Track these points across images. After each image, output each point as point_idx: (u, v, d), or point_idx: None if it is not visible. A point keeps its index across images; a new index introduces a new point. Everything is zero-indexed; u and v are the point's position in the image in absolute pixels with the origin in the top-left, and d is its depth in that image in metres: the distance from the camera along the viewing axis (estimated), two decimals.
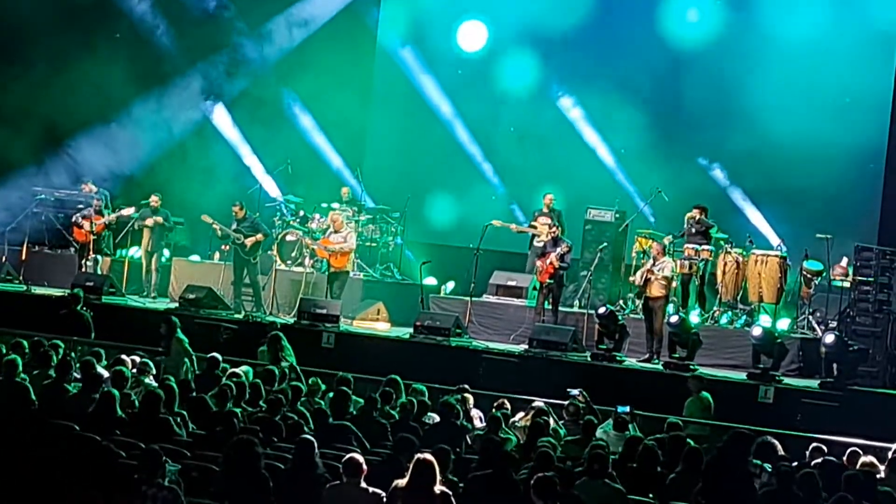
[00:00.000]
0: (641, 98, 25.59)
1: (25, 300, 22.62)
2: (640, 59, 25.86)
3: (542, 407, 15.60)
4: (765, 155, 24.99)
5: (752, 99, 24.97)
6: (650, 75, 25.73)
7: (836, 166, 24.20)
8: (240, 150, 27.51)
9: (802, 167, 24.53)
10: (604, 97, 25.95)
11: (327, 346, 21.04)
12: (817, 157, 24.27)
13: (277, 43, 27.37)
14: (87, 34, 25.76)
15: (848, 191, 24.29)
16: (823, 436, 16.35)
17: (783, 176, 24.80)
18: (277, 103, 27.52)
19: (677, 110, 25.63)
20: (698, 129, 25.50)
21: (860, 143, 24.27)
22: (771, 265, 21.55)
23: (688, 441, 13.17)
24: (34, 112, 25.35)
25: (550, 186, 24.53)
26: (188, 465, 11.44)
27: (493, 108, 27.09)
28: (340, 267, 22.88)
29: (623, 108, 25.63)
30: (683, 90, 25.55)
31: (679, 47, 25.65)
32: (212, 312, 22.13)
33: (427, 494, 10.24)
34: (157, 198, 24.28)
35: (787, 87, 24.78)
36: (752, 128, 24.98)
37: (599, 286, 23.51)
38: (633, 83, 25.70)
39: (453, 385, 16.82)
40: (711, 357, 20.76)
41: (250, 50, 27.28)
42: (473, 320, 22.51)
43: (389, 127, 28.14)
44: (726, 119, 25.22)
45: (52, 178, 25.68)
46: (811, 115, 24.38)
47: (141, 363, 16.19)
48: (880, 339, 20.23)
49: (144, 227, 24.15)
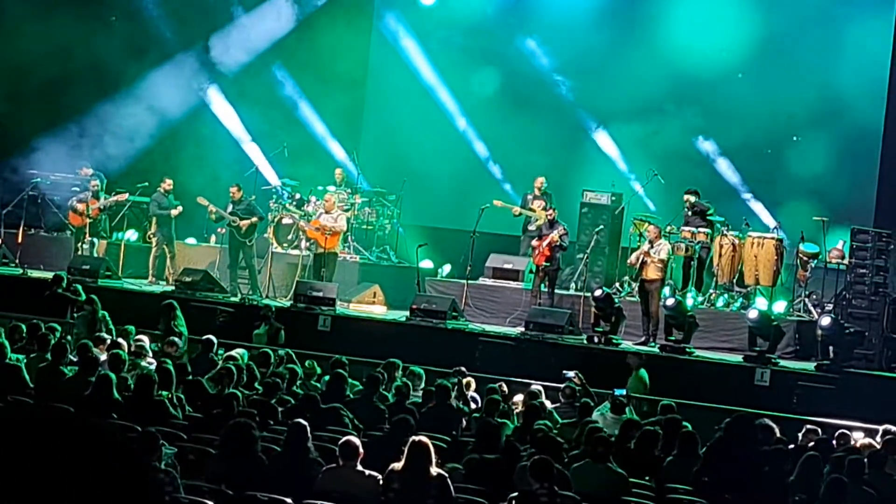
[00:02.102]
0: (636, 80, 25.56)
1: (21, 283, 22.61)
2: (635, 41, 25.83)
3: (534, 390, 15.59)
4: (760, 137, 25.01)
5: (747, 82, 24.98)
6: (644, 57, 25.67)
7: (832, 149, 24.21)
8: (235, 132, 27.46)
9: (798, 150, 24.57)
10: (598, 78, 25.99)
11: (323, 329, 21.04)
12: (813, 140, 24.30)
13: (274, 25, 27.29)
14: (82, 17, 25.66)
15: (844, 173, 24.29)
16: (819, 418, 16.41)
17: (780, 159, 24.83)
18: (273, 86, 27.47)
19: (671, 92, 25.56)
20: (694, 112, 25.45)
21: (856, 125, 24.26)
22: (767, 248, 21.54)
23: (684, 424, 13.19)
24: (28, 95, 25.31)
25: (545, 169, 24.51)
26: (185, 448, 11.44)
27: (489, 90, 26.99)
28: (331, 248, 22.86)
29: (617, 89, 25.64)
30: (678, 73, 25.49)
31: (676, 32, 25.59)
32: (208, 295, 22.10)
33: (423, 477, 10.25)
34: (170, 181, 24.08)
35: (782, 69, 24.78)
36: (748, 110, 25.00)
37: (596, 269, 23.52)
38: (627, 64, 25.69)
39: (449, 368, 16.84)
40: (708, 340, 20.78)
41: (247, 32, 27.20)
42: (470, 303, 22.50)
43: (386, 109, 28.08)
44: (721, 102, 25.21)
45: (47, 161, 25.61)
46: (807, 96, 24.40)
47: (137, 346, 16.19)
48: (876, 321, 20.25)
49: (162, 215, 23.82)
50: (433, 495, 10.23)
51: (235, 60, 27.17)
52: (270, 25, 27.27)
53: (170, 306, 18.81)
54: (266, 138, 27.03)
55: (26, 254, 24.26)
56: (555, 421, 14.33)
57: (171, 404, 13.01)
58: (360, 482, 10.42)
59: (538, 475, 9.92)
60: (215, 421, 12.18)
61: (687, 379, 19.01)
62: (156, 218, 23.95)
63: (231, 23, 27.23)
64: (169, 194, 23.95)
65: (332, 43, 26.71)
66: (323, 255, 22.82)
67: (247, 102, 27.22)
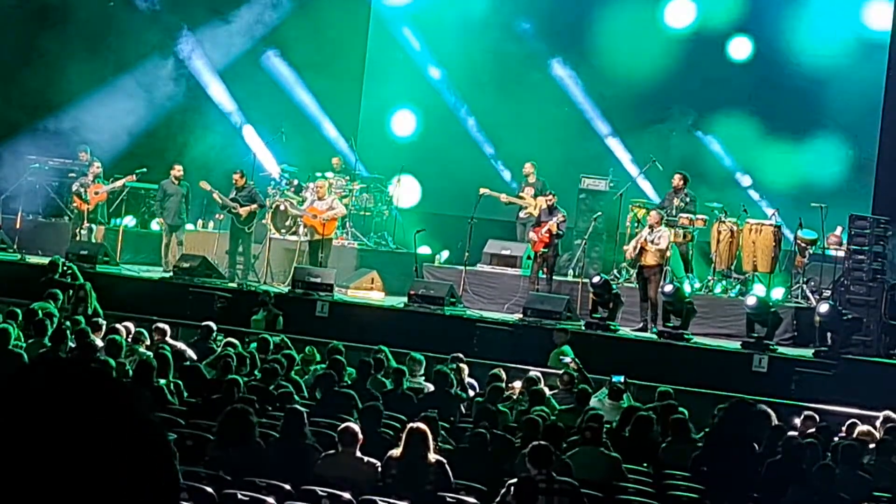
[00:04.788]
0: (636, 68, 25.55)
1: (19, 268, 22.61)
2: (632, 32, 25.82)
3: (532, 377, 15.61)
4: (758, 123, 25.01)
5: (746, 68, 24.97)
6: (644, 47, 25.66)
7: (830, 134, 24.23)
8: (234, 118, 27.41)
9: (797, 136, 24.59)
10: (597, 65, 25.98)
11: (321, 315, 21.04)
12: (811, 126, 24.32)
13: (273, 10, 27.22)
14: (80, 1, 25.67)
15: (843, 158, 24.29)
16: (817, 405, 16.42)
17: (778, 144, 24.85)
18: (271, 71, 27.42)
19: (673, 80, 25.55)
20: (692, 99, 25.47)
21: (854, 112, 24.27)
22: (765, 234, 21.54)
23: (681, 411, 13.21)
24: (25, 81, 25.27)
25: (543, 154, 24.51)
26: (183, 434, 11.45)
27: (487, 75, 26.95)
28: (328, 234, 22.86)
29: (616, 75, 25.63)
30: (678, 61, 25.48)
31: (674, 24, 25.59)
32: (206, 281, 22.10)
33: (422, 463, 10.27)
34: (179, 167, 23.96)
35: (780, 55, 24.77)
36: (747, 95, 25.01)
37: (594, 255, 23.53)
38: (627, 52, 25.68)
39: (447, 354, 16.85)
40: (705, 326, 20.79)
41: (244, 17, 27.13)
42: (468, 289, 22.49)
43: (384, 96, 28.05)
44: (721, 86, 25.21)
45: (46, 146, 25.57)
46: (805, 82, 24.39)
47: (136, 332, 16.19)
48: (874, 307, 20.24)
49: (172, 197, 23.73)
50: (432, 481, 10.26)
51: (232, 46, 27.11)
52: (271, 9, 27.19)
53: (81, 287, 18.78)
54: (264, 125, 26.97)
55: (24, 239, 24.25)
56: (552, 407, 14.35)
57: (169, 391, 13.02)
58: (358, 468, 10.44)
59: (537, 461, 9.94)
60: (215, 407, 12.20)
61: (685, 365, 19.02)
62: (173, 206, 23.75)
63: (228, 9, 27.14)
64: (181, 181, 23.85)
65: (329, 28, 26.66)
66: (320, 241, 22.81)
67: (245, 88, 27.15)
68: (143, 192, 25.52)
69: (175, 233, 23.84)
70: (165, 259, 23.77)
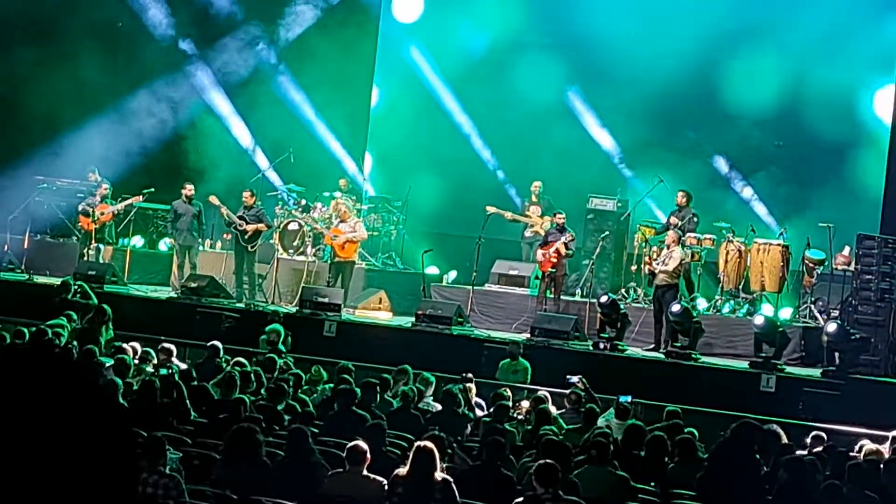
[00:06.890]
0: (643, 87, 25.55)
1: (27, 289, 22.63)
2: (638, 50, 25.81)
3: (540, 396, 15.59)
4: (766, 144, 25.02)
5: (753, 89, 24.96)
6: (650, 65, 25.65)
7: (838, 155, 24.22)
8: (241, 138, 27.46)
9: (805, 156, 24.57)
10: (606, 86, 25.99)
11: (329, 335, 21.05)
12: (819, 146, 24.32)
13: (282, 31, 27.29)
14: (89, 22, 25.71)
15: (850, 179, 24.27)
16: (825, 424, 16.37)
17: (786, 165, 24.85)
18: (279, 91, 27.47)
19: (680, 100, 25.55)
20: (699, 120, 25.48)
21: (861, 130, 24.27)
22: (773, 254, 21.52)
23: (686, 431, 13.17)
24: (33, 101, 25.31)
25: (550, 174, 24.52)
26: (190, 453, 11.45)
27: (494, 96, 26.97)
28: (347, 257, 22.85)
29: (624, 97, 25.65)
30: (686, 80, 25.48)
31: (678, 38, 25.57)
32: (213, 301, 22.12)
33: (428, 482, 10.25)
34: (190, 187, 23.87)
35: (785, 75, 24.77)
36: (754, 117, 25.00)
37: (601, 275, 23.51)
38: (634, 73, 25.67)
39: (455, 374, 16.83)
40: (714, 346, 20.77)
41: (254, 38, 27.22)
42: (475, 309, 22.49)
43: (392, 116, 28.07)
44: (727, 108, 25.20)
45: (53, 167, 25.62)
46: (812, 103, 24.38)
47: (143, 352, 16.21)
48: (882, 327, 20.20)
49: (184, 217, 23.71)
50: (438, 500, 10.24)
51: (242, 66, 27.17)
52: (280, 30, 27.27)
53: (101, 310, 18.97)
54: (272, 145, 26.99)
55: (32, 259, 24.27)
56: (560, 427, 14.32)
57: (181, 408, 13.03)
58: (365, 486, 10.43)
59: (543, 480, 9.91)
60: (221, 426, 12.19)
61: (692, 385, 19.00)
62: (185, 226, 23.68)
63: (240, 28, 27.21)
64: (193, 201, 23.79)
65: (338, 49, 26.69)
66: (341, 263, 22.78)
67: (252, 108, 27.20)
68: (151, 213, 25.54)
69: (188, 252, 23.75)
70: (179, 279, 23.61)
